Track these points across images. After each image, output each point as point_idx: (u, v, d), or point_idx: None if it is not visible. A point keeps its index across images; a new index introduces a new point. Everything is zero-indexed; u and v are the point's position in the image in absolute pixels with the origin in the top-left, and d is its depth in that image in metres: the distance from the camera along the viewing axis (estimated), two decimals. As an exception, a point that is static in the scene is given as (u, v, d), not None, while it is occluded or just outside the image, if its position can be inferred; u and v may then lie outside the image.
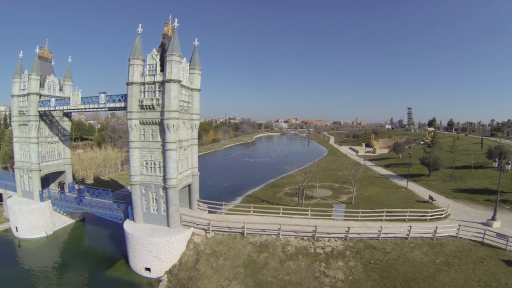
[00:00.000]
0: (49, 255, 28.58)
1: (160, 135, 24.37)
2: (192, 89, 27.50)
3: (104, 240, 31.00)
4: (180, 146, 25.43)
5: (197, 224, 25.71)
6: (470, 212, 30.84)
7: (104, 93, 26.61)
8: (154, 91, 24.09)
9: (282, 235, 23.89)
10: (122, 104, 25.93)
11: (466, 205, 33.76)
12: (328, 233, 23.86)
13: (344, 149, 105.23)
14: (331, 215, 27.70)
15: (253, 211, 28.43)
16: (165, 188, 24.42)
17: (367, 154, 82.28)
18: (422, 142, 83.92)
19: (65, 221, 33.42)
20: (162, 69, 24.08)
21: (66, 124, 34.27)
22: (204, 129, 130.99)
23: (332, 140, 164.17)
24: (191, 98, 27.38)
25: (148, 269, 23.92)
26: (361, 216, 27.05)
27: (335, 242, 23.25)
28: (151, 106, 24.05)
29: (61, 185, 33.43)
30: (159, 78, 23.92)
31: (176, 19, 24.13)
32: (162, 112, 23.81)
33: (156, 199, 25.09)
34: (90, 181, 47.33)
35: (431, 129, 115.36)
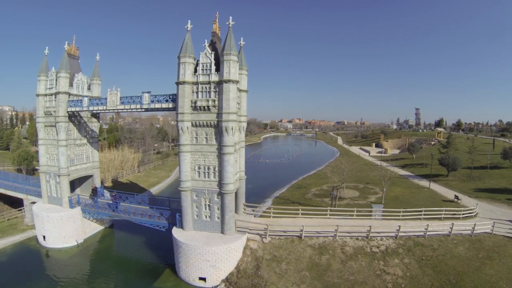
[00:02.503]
0: (82, 266, 26.80)
1: (215, 138, 23.16)
2: (240, 90, 26.38)
3: (139, 248, 29.37)
4: (235, 149, 24.33)
5: (250, 229, 24.83)
6: (495, 210, 31.62)
7: (148, 92, 25.03)
8: (209, 92, 22.85)
9: (338, 236, 23.94)
10: (170, 105, 24.47)
11: (489, 204, 34.51)
12: (378, 232, 24.30)
13: (355, 150, 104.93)
14: (370, 215, 27.98)
15: (301, 214, 27.87)
16: (220, 194, 23.26)
17: (378, 154, 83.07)
18: (433, 143, 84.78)
19: (95, 228, 31.48)
20: (217, 69, 22.90)
21: (95, 125, 32.21)
22: None
23: (339, 141, 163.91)
24: (239, 99, 26.26)
25: (202, 279, 22.79)
26: (402, 215, 27.48)
27: (387, 240, 23.85)
28: (206, 107, 22.78)
29: (94, 190, 31.36)
30: (214, 78, 22.70)
31: (230, 17, 23.01)
32: (218, 114, 22.61)
33: (209, 205, 23.88)
34: (108, 183, 45.16)
35: (440, 129, 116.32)
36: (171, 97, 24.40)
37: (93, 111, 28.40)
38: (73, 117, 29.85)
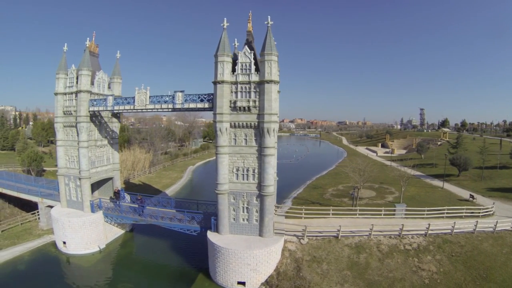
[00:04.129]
0: (107, 273, 25.69)
1: (255, 139, 22.65)
2: (273, 90, 25.90)
3: (165, 253, 28.38)
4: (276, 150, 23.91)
5: (286, 231, 24.60)
6: (510, 209, 32.48)
7: (181, 91, 24.17)
8: (249, 92, 22.30)
9: (373, 235, 24.30)
10: (206, 105, 23.74)
11: (503, 203, 35.44)
12: (407, 231, 24.91)
13: (362, 150, 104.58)
14: (393, 214, 28.51)
15: (332, 214, 27.93)
16: (260, 196, 22.78)
17: (386, 154, 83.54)
18: (439, 143, 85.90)
19: (116, 233, 30.26)
20: (256, 68, 22.40)
21: (115, 126, 30.88)
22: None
23: (344, 141, 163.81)
24: (273, 99, 25.79)
25: (241, 283, 22.35)
26: (427, 214, 28.16)
27: (418, 238, 24.52)
28: (246, 108, 22.23)
29: (116, 194, 30.03)
30: (255, 78, 22.17)
31: (269, 17, 22.37)
32: (259, 115, 22.10)
33: (247, 208, 23.35)
34: (121, 185, 43.36)
35: (446, 130, 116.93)
36: (206, 96, 23.67)
37: (119, 111, 27.21)
38: (94, 117, 28.50)
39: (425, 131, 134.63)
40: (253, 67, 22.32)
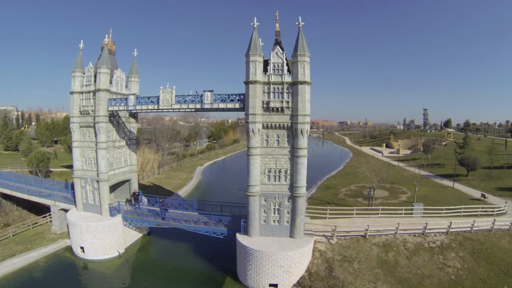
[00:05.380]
0: (130, 278, 24.93)
1: (287, 140, 22.49)
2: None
3: (187, 256, 27.76)
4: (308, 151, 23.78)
5: (315, 231, 24.65)
6: None
7: (210, 91, 23.64)
8: (282, 93, 22.09)
9: (398, 233, 24.72)
10: (237, 105, 23.35)
11: None
12: (429, 229, 25.46)
13: (367, 150, 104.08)
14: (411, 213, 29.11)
15: (356, 213, 28.21)
16: (292, 197, 22.65)
17: (391, 155, 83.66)
18: (444, 143, 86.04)
19: (134, 237, 29.32)
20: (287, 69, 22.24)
21: (133, 126, 29.89)
22: (224, 130, 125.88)
23: (348, 141, 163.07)
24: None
25: (273, 285, 22.17)
26: (445, 213, 28.92)
27: (440, 236, 25.16)
28: (280, 108, 22.01)
29: (135, 196, 29.05)
30: (287, 78, 21.98)
31: (299, 17, 22.20)
32: (292, 116, 21.95)
33: (278, 209, 23.17)
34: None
35: (451, 130, 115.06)
36: (237, 96, 23.27)
37: (141, 111, 26.31)
38: (112, 117, 27.46)
39: (428, 131, 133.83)
40: (285, 67, 22.12)
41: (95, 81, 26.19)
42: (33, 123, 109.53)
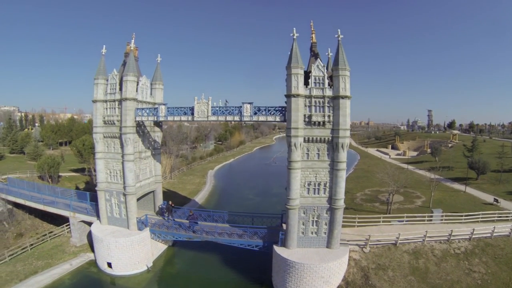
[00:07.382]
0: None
1: (327, 153, 22.68)
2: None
3: (218, 268, 27.48)
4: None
5: (348, 240, 25.20)
6: None
7: (250, 103, 23.23)
8: (323, 106, 22.17)
9: (426, 241, 25.50)
10: (277, 118, 23.16)
11: None
12: (454, 236, 26.19)
13: (373, 152, 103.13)
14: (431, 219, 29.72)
15: (382, 221, 29.02)
16: (331, 209, 23.01)
17: (398, 156, 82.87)
18: (450, 145, 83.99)
19: (161, 249, 28.59)
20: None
21: (157, 135, 28.76)
22: (230, 131, 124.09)
23: (352, 142, 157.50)
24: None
25: (313, 296, 22.56)
26: (464, 219, 29.86)
27: (463, 242, 26.16)
28: (322, 122, 22.09)
29: (169, 208, 27.89)
30: (328, 92, 22.06)
31: (339, 30, 22.25)
32: (333, 130, 22.12)
33: (316, 221, 23.47)
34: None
35: (456, 132, 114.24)
36: (278, 109, 23.08)
37: (174, 121, 25.32)
38: (138, 127, 26.29)
39: (432, 132, 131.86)
40: (326, 81, 22.17)
41: (120, 89, 24.91)
42: (37, 124, 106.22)
